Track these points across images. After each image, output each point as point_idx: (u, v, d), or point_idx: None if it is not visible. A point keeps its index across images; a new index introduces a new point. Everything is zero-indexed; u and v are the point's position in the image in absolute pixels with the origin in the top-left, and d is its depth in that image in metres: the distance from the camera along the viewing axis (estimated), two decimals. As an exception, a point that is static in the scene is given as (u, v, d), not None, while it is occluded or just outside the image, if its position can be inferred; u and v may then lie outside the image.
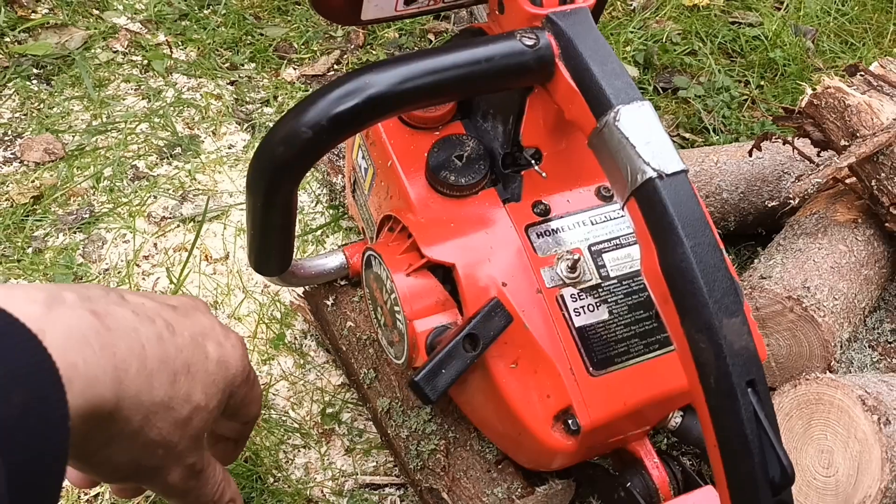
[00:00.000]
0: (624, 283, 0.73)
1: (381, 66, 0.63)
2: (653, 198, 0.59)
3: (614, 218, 0.76)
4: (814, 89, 0.97)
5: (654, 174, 0.59)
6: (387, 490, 0.93)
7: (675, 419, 0.75)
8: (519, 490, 0.78)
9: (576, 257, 0.72)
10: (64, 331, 0.40)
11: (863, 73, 1.32)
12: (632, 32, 1.68)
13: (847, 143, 0.93)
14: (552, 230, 0.74)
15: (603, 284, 0.73)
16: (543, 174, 0.74)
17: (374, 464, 0.94)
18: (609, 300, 0.72)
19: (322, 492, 0.92)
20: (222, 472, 0.59)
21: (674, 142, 1.49)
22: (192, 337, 0.52)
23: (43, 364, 0.37)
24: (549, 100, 0.69)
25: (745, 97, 1.57)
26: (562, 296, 0.71)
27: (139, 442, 0.48)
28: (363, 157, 0.84)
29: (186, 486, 0.55)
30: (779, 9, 1.81)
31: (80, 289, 0.47)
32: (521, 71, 0.65)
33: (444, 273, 0.73)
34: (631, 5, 1.79)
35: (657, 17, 1.75)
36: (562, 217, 0.75)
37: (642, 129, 0.61)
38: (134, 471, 0.51)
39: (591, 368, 0.70)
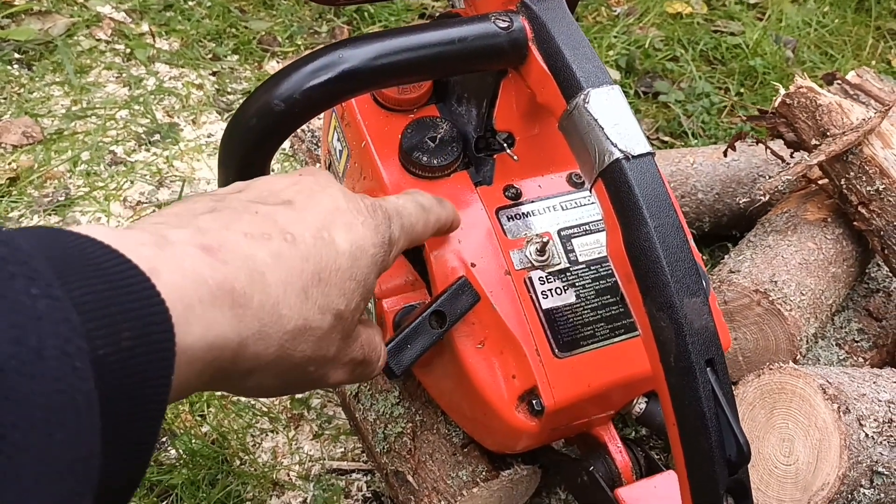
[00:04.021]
0: (592, 267, 0.74)
1: (355, 41, 0.63)
2: (618, 178, 0.59)
3: (585, 204, 0.76)
4: (787, 89, 0.99)
5: (621, 155, 0.59)
6: (354, 476, 0.93)
7: (640, 405, 0.76)
8: (484, 473, 0.79)
9: (545, 240, 0.72)
10: (177, 272, 0.39)
11: (840, 81, 1.34)
12: (615, 37, 1.69)
13: (818, 143, 0.94)
14: (522, 214, 0.74)
15: (571, 268, 0.73)
16: (515, 158, 0.74)
17: (343, 449, 0.94)
18: (577, 284, 0.73)
19: (289, 475, 0.91)
20: (377, 334, 0.56)
21: (653, 145, 1.51)
22: (316, 236, 0.48)
23: (154, 307, 0.35)
24: (522, 84, 0.69)
25: (725, 103, 1.58)
26: (530, 278, 0.72)
27: (282, 368, 0.45)
28: (338, 140, 0.85)
29: (353, 376, 0.53)
30: (760, 19, 1.84)
31: (188, 218, 0.44)
32: (494, 53, 0.66)
33: (414, 254, 0.73)
34: (615, 11, 1.81)
35: (641, 24, 1.76)
36: (532, 201, 0.75)
37: (611, 111, 0.61)
38: (286, 388, 0.49)
39: (556, 350, 0.70)
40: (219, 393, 0.94)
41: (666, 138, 1.51)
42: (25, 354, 0.27)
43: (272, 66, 1.52)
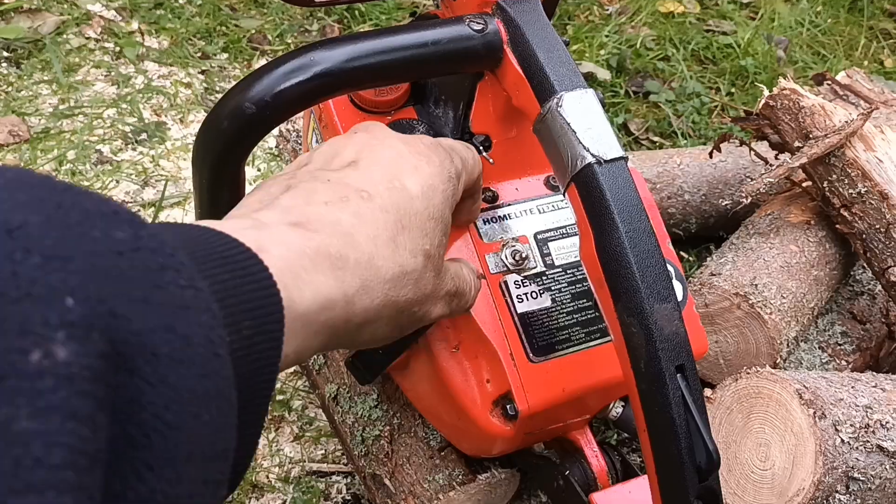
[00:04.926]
0: (568, 271, 0.74)
1: (328, 43, 0.63)
2: (591, 183, 0.59)
3: (562, 207, 0.76)
4: (771, 91, 0.98)
5: (593, 160, 0.59)
6: (334, 478, 0.92)
7: (616, 409, 0.76)
8: (460, 477, 0.78)
9: (521, 244, 0.72)
10: (281, 247, 0.42)
11: (829, 82, 1.34)
12: (607, 37, 1.69)
13: (801, 145, 0.94)
14: (499, 217, 0.74)
15: (547, 272, 0.73)
16: (491, 161, 0.74)
17: (323, 451, 0.94)
18: (552, 288, 0.73)
19: (268, 478, 0.91)
20: (464, 266, 0.60)
21: (642, 145, 1.51)
22: (388, 186, 0.51)
23: (270, 298, 0.38)
24: (498, 87, 0.69)
25: (716, 103, 1.58)
26: (505, 282, 0.71)
27: (391, 314, 0.49)
28: (317, 141, 0.84)
29: (451, 308, 0.56)
30: (753, 18, 1.83)
31: (270, 201, 0.47)
32: (468, 55, 0.66)
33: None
34: (607, 10, 1.81)
35: (633, 23, 1.76)
36: (509, 204, 0.75)
37: (584, 115, 0.61)
38: (400, 331, 0.52)
39: (531, 355, 0.70)
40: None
41: (656, 138, 1.51)
42: (177, 342, 0.29)
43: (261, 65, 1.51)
